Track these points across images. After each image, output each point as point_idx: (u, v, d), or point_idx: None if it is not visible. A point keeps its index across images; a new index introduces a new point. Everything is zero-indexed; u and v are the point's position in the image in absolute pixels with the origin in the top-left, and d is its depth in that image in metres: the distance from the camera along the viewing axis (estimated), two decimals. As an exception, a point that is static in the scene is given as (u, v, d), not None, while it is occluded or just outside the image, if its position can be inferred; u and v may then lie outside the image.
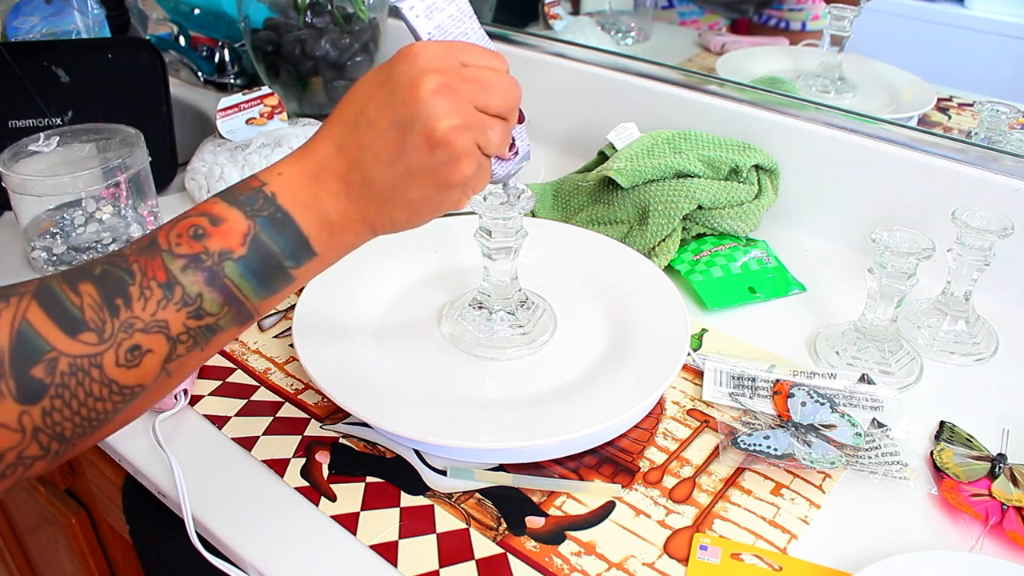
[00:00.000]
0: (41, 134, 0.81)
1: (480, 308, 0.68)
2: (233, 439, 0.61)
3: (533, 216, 0.86)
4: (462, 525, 0.55)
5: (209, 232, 0.45)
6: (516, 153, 0.54)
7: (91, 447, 0.48)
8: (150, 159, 0.83)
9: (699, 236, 0.83)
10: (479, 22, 0.53)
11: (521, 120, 0.54)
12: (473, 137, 0.47)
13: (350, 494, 0.57)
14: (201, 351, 0.46)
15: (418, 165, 0.47)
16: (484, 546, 0.54)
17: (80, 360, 0.41)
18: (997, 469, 0.58)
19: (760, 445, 0.59)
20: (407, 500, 0.57)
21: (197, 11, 1.27)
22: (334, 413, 0.64)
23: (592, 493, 0.57)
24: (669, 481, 0.58)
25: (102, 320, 0.42)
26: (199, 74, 1.25)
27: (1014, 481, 0.58)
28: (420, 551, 0.53)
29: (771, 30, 1.11)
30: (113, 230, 0.81)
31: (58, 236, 0.79)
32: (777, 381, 0.66)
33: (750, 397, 0.65)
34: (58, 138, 0.81)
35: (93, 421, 0.43)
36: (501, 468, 0.59)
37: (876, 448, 0.60)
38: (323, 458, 0.60)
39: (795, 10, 1.09)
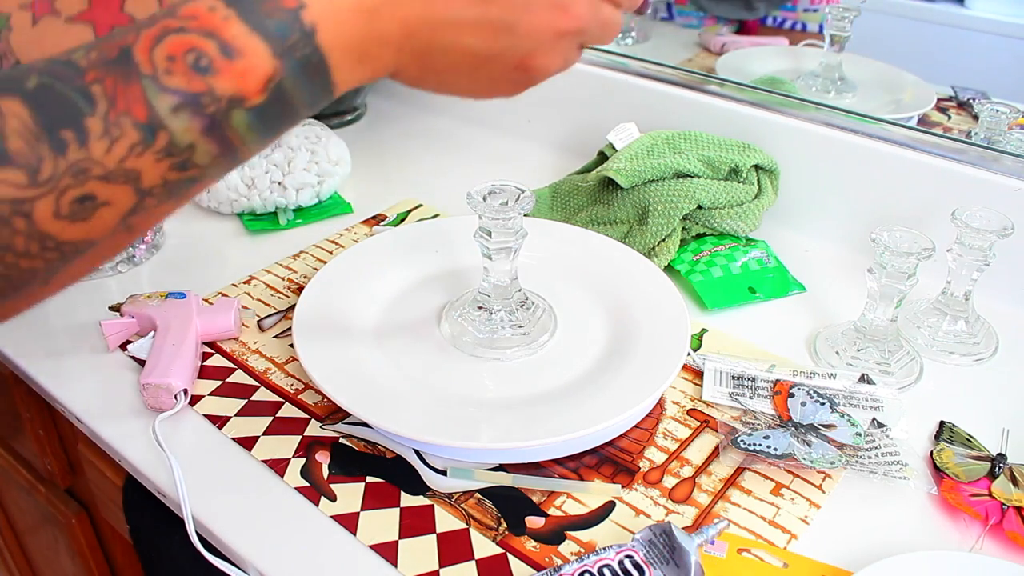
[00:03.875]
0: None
1: (480, 308, 0.68)
2: (233, 439, 0.61)
3: (533, 216, 0.86)
4: (462, 525, 0.55)
5: (218, 67, 0.33)
6: None
7: (93, 448, 0.48)
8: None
9: (699, 236, 0.83)
10: None
11: None
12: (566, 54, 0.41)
13: (350, 494, 0.57)
14: (176, 203, 0.36)
15: (498, 68, 0.40)
16: (484, 546, 0.54)
17: None
18: (997, 469, 0.58)
19: (760, 445, 0.59)
20: (407, 500, 0.57)
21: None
22: (334, 413, 0.64)
23: (592, 493, 0.57)
24: (669, 481, 0.58)
25: (37, 157, 0.31)
26: (199, 74, 1.24)
27: (1014, 481, 0.58)
28: (420, 551, 0.53)
29: (785, 32, 1.10)
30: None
31: (58, 236, 0.79)
32: (777, 381, 0.66)
33: (750, 397, 0.65)
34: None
35: (14, 280, 0.33)
36: (501, 468, 0.59)
37: (876, 448, 0.60)
38: (323, 458, 0.60)
39: (810, 11, 1.08)
